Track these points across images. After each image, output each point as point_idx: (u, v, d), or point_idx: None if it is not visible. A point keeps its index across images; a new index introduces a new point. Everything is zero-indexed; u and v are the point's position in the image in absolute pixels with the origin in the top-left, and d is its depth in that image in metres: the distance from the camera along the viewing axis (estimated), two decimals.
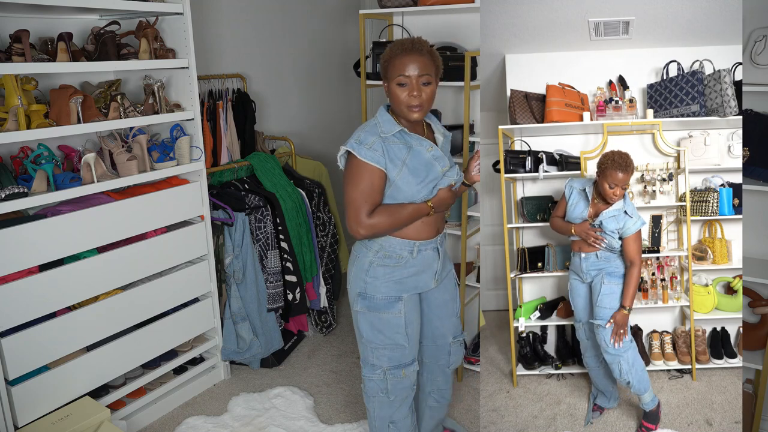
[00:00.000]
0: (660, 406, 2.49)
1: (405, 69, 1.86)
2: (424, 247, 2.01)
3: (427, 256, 2.03)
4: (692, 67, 2.74)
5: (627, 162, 2.28)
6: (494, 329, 3.55)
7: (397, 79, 1.88)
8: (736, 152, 2.80)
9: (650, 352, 2.91)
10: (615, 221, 2.35)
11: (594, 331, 2.44)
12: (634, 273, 2.35)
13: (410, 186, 1.92)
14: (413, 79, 1.87)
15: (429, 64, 1.88)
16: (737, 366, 2.80)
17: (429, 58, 1.89)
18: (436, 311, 2.15)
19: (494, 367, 3.09)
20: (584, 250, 2.44)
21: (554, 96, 2.85)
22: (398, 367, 2.06)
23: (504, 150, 2.83)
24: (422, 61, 1.87)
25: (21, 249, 2.18)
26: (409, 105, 1.89)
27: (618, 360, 2.36)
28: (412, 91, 1.87)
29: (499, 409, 2.72)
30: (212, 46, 3.49)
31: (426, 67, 1.87)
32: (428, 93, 1.89)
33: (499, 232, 3.56)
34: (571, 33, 2.84)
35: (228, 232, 3.00)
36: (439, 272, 2.09)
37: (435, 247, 2.04)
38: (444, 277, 2.14)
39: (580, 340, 2.60)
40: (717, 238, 2.85)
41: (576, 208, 2.47)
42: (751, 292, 2.76)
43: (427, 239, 2.01)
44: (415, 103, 1.88)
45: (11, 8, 2.30)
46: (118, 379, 2.66)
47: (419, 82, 1.87)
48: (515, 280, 3.02)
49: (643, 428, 2.48)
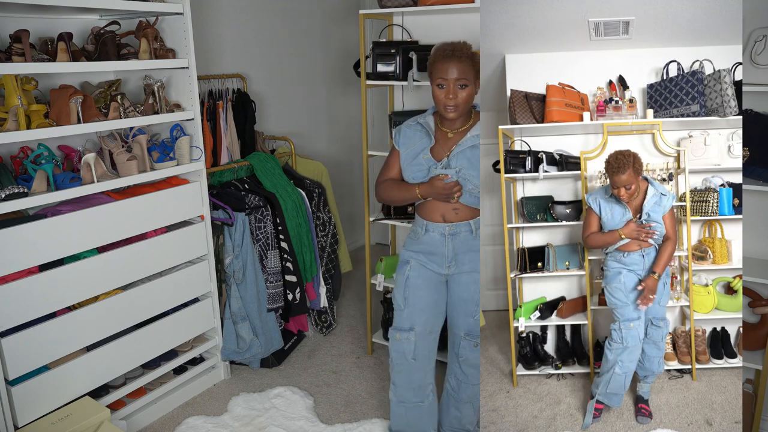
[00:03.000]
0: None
1: (444, 72, 2.07)
2: (432, 228, 2.26)
3: (434, 238, 2.26)
4: (692, 67, 2.74)
5: (620, 163, 2.26)
6: (494, 329, 3.55)
7: (437, 81, 2.10)
8: (736, 152, 2.80)
9: None
10: (658, 207, 2.37)
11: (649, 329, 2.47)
12: (669, 246, 2.37)
13: (406, 166, 2.26)
14: (450, 82, 2.07)
15: (467, 68, 2.08)
16: (737, 366, 2.80)
17: (468, 64, 2.08)
18: (454, 304, 2.34)
19: (494, 367, 3.09)
20: (629, 248, 2.40)
21: (554, 96, 2.85)
22: (395, 329, 2.33)
23: (504, 150, 2.83)
24: (460, 66, 2.06)
25: (21, 249, 2.18)
26: (446, 105, 2.10)
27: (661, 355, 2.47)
28: (449, 93, 2.08)
29: (499, 409, 2.72)
30: (212, 46, 3.49)
31: (463, 71, 2.07)
32: (464, 95, 2.10)
33: (499, 232, 3.56)
34: (571, 33, 2.84)
35: (228, 232, 3.00)
36: (450, 261, 2.27)
37: (442, 233, 2.25)
38: (461, 272, 2.29)
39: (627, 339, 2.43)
40: (717, 238, 2.85)
41: (614, 215, 2.42)
42: (751, 292, 2.76)
43: (433, 222, 2.26)
44: (451, 104, 2.09)
45: (11, 8, 2.30)
46: (118, 379, 2.66)
47: (456, 85, 2.08)
48: (515, 280, 3.02)
49: (643, 410, 2.53)
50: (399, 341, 2.30)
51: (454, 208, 2.23)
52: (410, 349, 2.29)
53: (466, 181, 2.17)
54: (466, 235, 2.25)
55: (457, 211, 2.23)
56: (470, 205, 2.23)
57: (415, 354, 2.30)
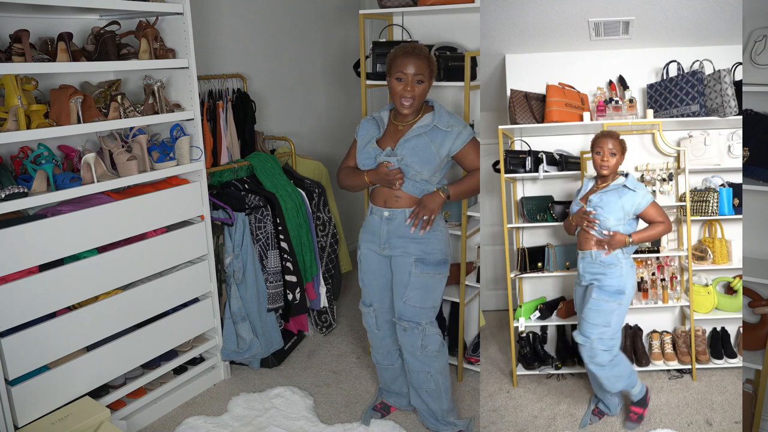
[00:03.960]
0: (648, 391, 2.52)
1: (404, 67, 2.26)
2: (375, 212, 2.46)
3: (374, 221, 2.47)
4: (692, 67, 2.74)
5: (609, 132, 2.35)
6: (494, 329, 3.55)
7: (396, 75, 2.28)
8: (736, 152, 2.80)
9: (650, 352, 2.91)
10: (616, 196, 2.32)
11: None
12: (659, 227, 2.31)
13: (358, 154, 2.47)
14: (409, 76, 2.26)
15: (424, 66, 2.27)
16: (737, 366, 2.80)
17: (425, 62, 2.28)
18: (392, 286, 2.51)
19: (494, 367, 3.10)
20: (583, 247, 2.40)
21: (554, 96, 2.85)
22: (362, 303, 2.63)
23: (504, 150, 2.83)
24: (418, 62, 2.26)
25: (21, 249, 2.18)
26: (403, 96, 2.28)
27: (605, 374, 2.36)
28: (407, 86, 2.26)
29: (499, 409, 2.72)
30: (212, 46, 3.49)
31: (421, 68, 2.26)
32: (420, 90, 2.29)
33: (499, 232, 3.56)
34: (571, 33, 2.84)
35: (228, 232, 3.00)
36: (384, 243, 2.44)
37: (380, 216, 2.43)
38: (394, 255, 2.43)
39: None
40: (717, 238, 2.85)
41: (574, 203, 2.49)
42: (751, 292, 2.76)
43: (376, 206, 2.45)
44: (408, 95, 2.27)
45: (11, 8, 2.30)
46: (118, 379, 2.66)
47: (414, 80, 2.26)
48: (515, 280, 3.02)
49: (632, 413, 2.49)
50: (365, 314, 2.62)
51: (396, 195, 2.39)
52: (373, 322, 2.60)
53: (408, 168, 2.33)
54: (401, 221, 2.40)
55: (398, 199, 2.39)
56: (412, 194, 2.38)
57: (378, 325, 2.59)
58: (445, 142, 2.32)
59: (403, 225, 2.38)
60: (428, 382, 2.52)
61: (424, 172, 2.33)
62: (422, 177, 2.33)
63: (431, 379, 2.51)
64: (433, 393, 2.54)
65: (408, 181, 2.35)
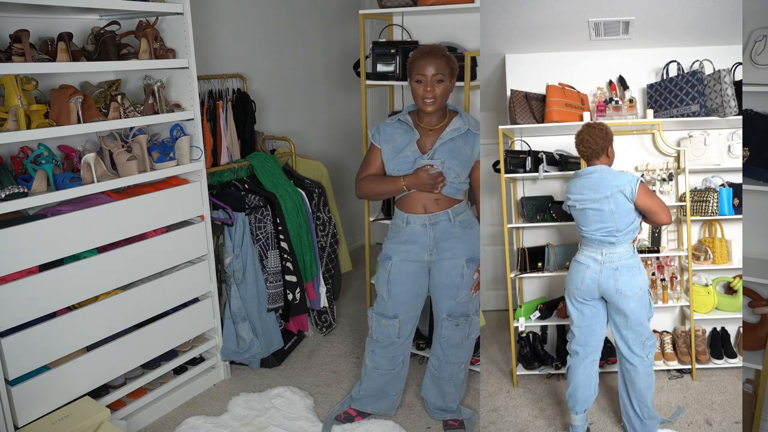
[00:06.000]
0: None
1: (423, 69, 2.25)
2: (413, 220, 2.41)
3: (415, 229, 2.41)
4: (692, 67, 2.74)
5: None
6: (494, 329, 3.56)
7: (416, 78, 2.27)
8: (736, 152, 2.80)
9: None
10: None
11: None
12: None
13: (390, 161, 2.39)
14: (428, 77, 2.25)
15: (443, 66, 2.26)
16: (737, 366, 2.80)
17: (444, 62, 2.27)
18: (436, 288, 2.48)
19: (494, 367, 3.10)
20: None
21: (554, 96, 2.85)
22: (380, 315, 2.52)
23: (504, 150, 2.83)
24: (437, 63, 2.25)
25: (21, 249, 2.18)
26: (424, 97, 2.27)
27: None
28: (427, 86, 2.25)
29: (499, 409, 2.72)
30: (212, 46, 3.49)
31: (440, 68, 2.25)
32: (441, 89, 2.27)
33: (499, 232, 3.56)
34: (571, 33, 2.84)
35: (228, 232, 3.00)
36: (432, 249, 2.41)
37: (423, 223, 2.39)
38: (442, 259, 2.42)
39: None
40: (717, 238, 2.85)
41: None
42: (751, 292, 2.77)
43: (414, 214, 2.40)
44: (429, 96, 2.26)
45: (11, 8, 2.30)
46: (118, 379, 2.66)
47: (433, 80, 2.25)
48: (515, 280, 3.03)
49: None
50: (385, 326, 2.52)
51: (436, 198, 2.37)
52: (395, 332, 2.53)
53: (450, 170, 2.32)
54: (446, 224, 2.39)
55: (438, 202, 2.38)
56: (450, 196, 2.38)
57: (399, 334, 2.54)
58: (475, 145, 2.37)
59: (449, 227, 2.39)
60: (460, 372, 2.59)
61: (462, 174, 2.35)
62: (460, 180, 2.35)
63: (463, 369, 2.60)
64: (459, 382, 2.61)
65: (446, 184, 2.35)
